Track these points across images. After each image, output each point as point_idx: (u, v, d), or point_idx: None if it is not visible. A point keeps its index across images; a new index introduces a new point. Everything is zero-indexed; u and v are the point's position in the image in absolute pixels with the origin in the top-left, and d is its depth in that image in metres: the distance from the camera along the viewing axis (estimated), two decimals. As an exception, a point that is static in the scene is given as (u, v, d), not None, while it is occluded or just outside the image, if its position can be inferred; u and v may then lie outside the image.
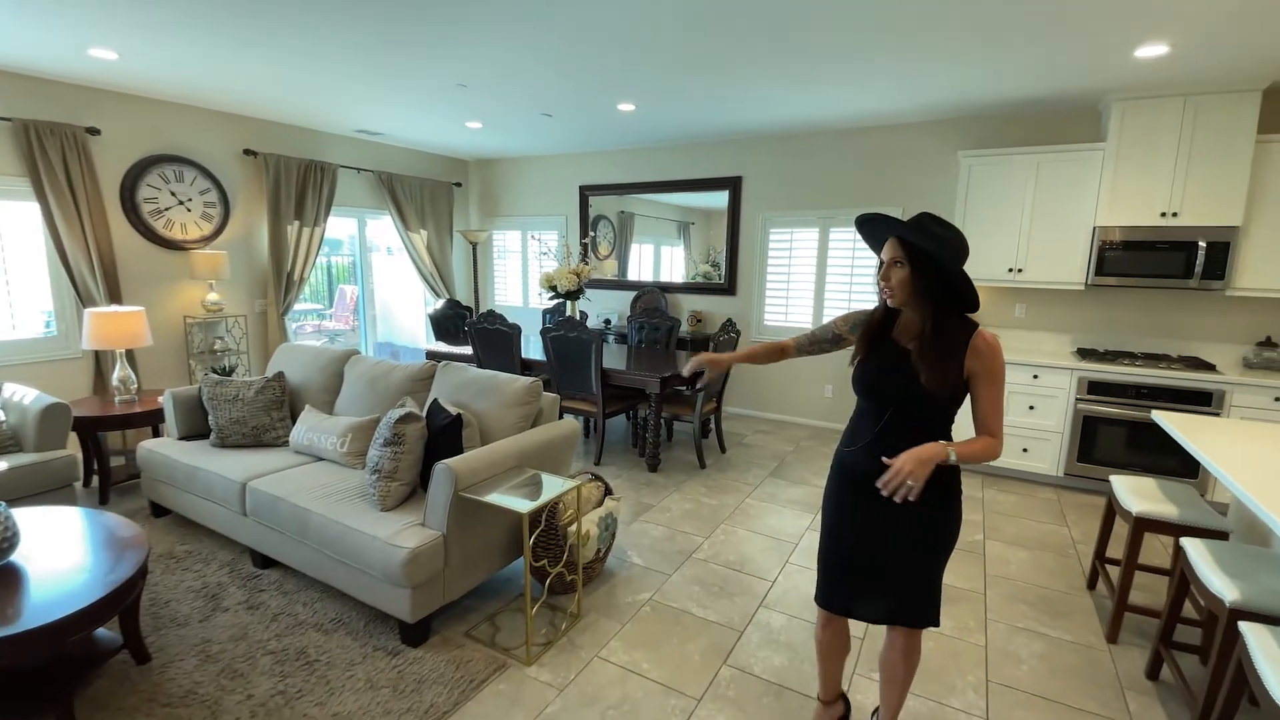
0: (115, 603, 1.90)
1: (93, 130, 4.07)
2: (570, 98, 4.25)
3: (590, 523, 2.64)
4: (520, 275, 7.09)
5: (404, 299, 6.92)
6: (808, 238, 5.30)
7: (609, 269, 6.40)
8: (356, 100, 4.41)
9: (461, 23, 2.94)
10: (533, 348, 4.80)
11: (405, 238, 6.22)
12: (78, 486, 3.69)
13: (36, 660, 1.76)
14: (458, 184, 6.82)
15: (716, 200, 5.68)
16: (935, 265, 1.48)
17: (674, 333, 5.09)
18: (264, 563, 2.83)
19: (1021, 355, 4.20)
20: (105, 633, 2.23)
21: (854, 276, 5.13)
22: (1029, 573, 3.00)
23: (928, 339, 1.51)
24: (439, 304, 5.92)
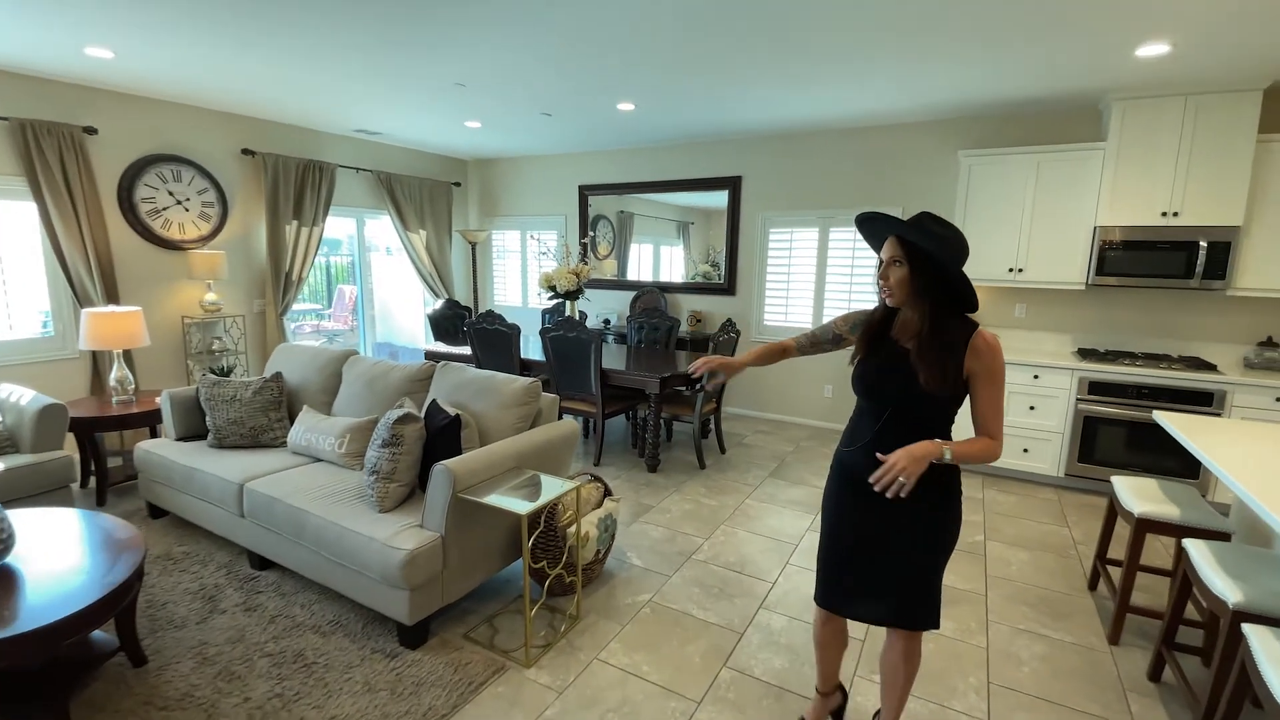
0: (112, 605, 1.88)
1: (90, 130, 4.06)
2: (570, 97, 4.24)
3: (589, 524, 2.63)
4: (519, 275, 7.08)
5: (403, 299, 6.91)
6: (807, 238, 5.29)
7: (608, 269, 6.39)
8: (356, 100, 4.40)
9: (461, 22, 2.93)
10: (532, 348, 4.79)
11: (404, 238, 6.20)
12: (75, 488, 3.68)
13: (32, 663, 1.74)
14: (457, 184, 6.80)
15: (716, 200, 5.67)
16: (934, 264, 1.48)
17: (673, 333, 5.08)
18: (262, 564, 2.82)
19: (1022, 355, 4.20)
20: (101, 635, 2.22)
21: (854, 276, 5.12)
22: (1030, 574, 2.99)
23: (925, 338, 1.51)
24: (438, 304, 5.90)
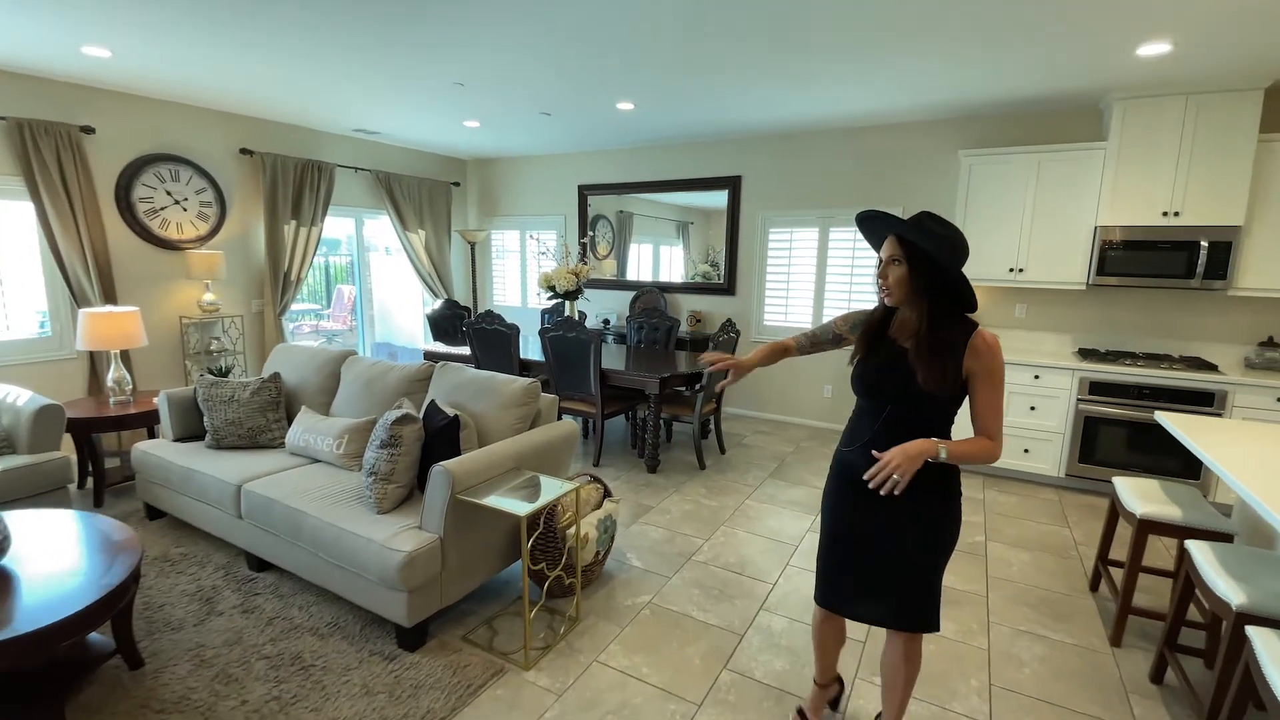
0: (108, 607, 1.87)
1: (87, 129, 4.05)
2: (569, 97, 4.23)
3: (589, 525, 2.62)
4: (519, 275, 7.07)
5: (402, 299, 6.90)
6: (807, 237, 5.28)
7: (608, 269, 6.38)
8: (355, 99, 4.39)
9: (461, 22, 2.92)
10: (531, 348, 4.78)
11: (403, 237, 6.19)
12: (72, 489, 3.66)
13: (28, 666, 1.74)
14: (456, 183, 6.79)
15: (716, 200, 5.66)
16: (933, 264, 1.48)
17: (673, 333, 5.07)
18: (259, 566, 2.81)
19: (1022, 355, 4.19)
20: (98, 637, 2.20)
21: (854, 276, 5.11)
22: (1031, 574, 2.98)
23: (924, 337, 1.51)
24: (437, 304, 5.89)
